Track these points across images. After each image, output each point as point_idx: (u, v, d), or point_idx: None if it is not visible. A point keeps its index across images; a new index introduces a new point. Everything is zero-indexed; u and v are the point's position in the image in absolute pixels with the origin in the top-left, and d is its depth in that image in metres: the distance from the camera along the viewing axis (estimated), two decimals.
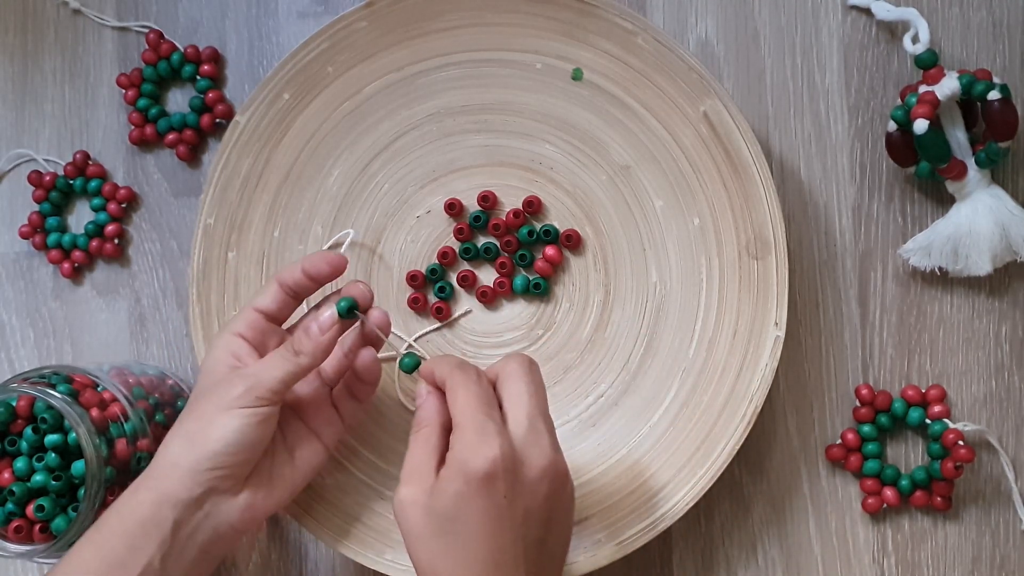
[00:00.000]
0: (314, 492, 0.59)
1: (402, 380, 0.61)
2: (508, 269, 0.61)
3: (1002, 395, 0.60)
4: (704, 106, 0.58)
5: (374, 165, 0.62)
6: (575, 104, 0.60)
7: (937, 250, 0.58)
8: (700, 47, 0.62)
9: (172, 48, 0.66)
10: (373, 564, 0.59)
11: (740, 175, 0.58)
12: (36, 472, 0.56)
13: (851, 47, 0.61)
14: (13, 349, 0.68)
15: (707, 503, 0.60)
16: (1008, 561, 0.59)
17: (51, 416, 0.56)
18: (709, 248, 0.59)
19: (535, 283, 0.61)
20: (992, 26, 0.60)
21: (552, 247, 0.60)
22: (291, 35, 0.66)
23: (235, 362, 0.53)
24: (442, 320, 0.61)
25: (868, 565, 0.60)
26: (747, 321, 0.58)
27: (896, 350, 0.60)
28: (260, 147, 0.61)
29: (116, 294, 0.67)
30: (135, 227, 0.67)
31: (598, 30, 0.58)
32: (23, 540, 0.56)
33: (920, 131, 0.55)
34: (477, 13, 0.59)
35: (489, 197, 0.61)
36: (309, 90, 0.61)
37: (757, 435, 0.60)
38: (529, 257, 0.61)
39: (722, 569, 0.61)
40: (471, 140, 0.61)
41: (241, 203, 0.62)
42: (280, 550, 0.64)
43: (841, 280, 0.61)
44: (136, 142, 0.66)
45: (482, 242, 0.62)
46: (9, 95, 0.68)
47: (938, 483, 0.59)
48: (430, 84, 0.61)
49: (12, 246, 0.68)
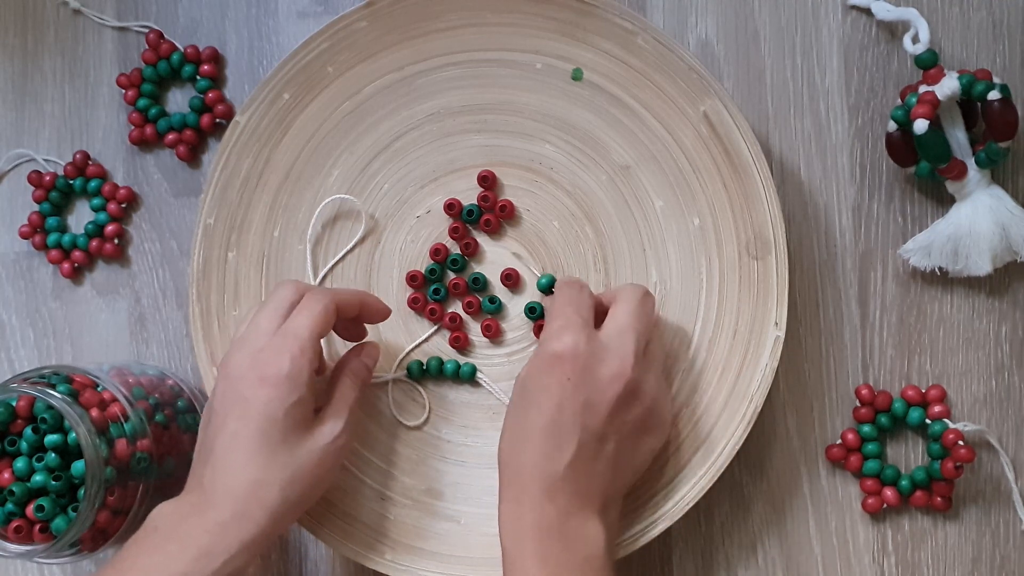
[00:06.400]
0: None
1: (394, 393, 0.61)
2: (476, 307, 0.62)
3: (1002, 395, 0.60)
4: (704, 106, 0.58)
5: (374, 165, 0.62)
6: (575, 104, 0.60)
7: (937, 250, 0.58)
8: (700, 47, 0.62)
9: (172, 48, 0.66)
10: (373, 564, 0.59)
11: (740, 175, 0.58)
12: (36, 472, 0.56)
13: (851, 47, 0.61)
14: (13, 349, 0.68)
15: (707, 503, 0.60)
16: (1008, 561, 0.59)
17: (51, 416, 0.56)
18: (709, 248, 0.59)
19: (530, 307, 0.61)
20: (992, 26, 0.60)
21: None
22: (291, 35, 0.66)
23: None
24: (436, 322, 0.62)
25: (868, 565, 0.60)
26: (747, 321, 0.58)
27: (896, 350, 0.60)
28: (260, 147, 0.61)
29: (116, 294, 0.67)
30: (135, 227, 0.67)
31: (598, 30, 0.58)
32: (23, 540, 0.56)
33: (920, 131, 0.55)
34: (477, 13, 0.59)
35: (488, 177, 0.61)
36: (309, 90, 0.61)
37: (757, 435, 0.60)
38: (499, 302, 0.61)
39: (722, 569, 0.61)
40: (471, 140, 0.61)
41: (241, 203, 0.62)
42: (280, 550, 0.65)
43: (841, 280, 0.61)
44: (136, 142, 0.66)
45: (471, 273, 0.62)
46: (9, 95, 0.68)
47: (938, 483, 0.59)
48: (430, 84, 0.61)
49: (12, 246, 0.68)
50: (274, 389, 0.52)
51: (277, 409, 0.52)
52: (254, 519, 0.51)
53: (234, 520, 0.51)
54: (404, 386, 0.62)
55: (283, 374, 0.52)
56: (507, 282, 0.61)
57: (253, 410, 0.52)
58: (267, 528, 0.51)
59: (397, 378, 0.61)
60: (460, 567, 0.59)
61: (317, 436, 0.53)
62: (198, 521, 0.51)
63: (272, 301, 0.55)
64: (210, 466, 0.52)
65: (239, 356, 0.53)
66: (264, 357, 0.53)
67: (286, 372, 0.52)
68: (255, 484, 0.51)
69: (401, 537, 0.60)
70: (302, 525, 0.59)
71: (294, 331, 0.53)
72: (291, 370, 0.52)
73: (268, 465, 0.52)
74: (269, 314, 0.54)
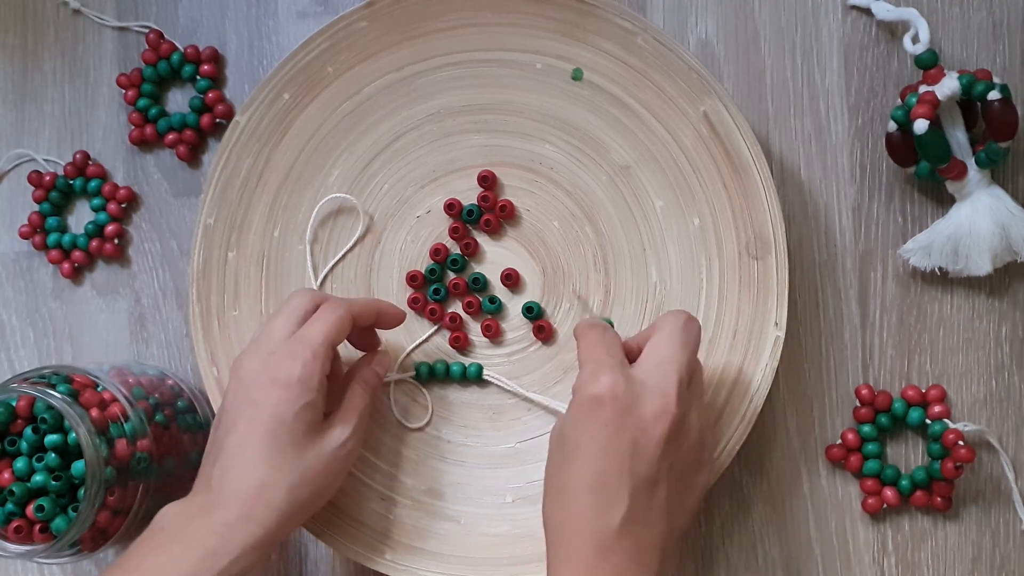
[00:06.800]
0: None
1: (395, 394, 0.62)
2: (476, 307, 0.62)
3: (1002, 395, 0.60)
4: (704, 106, 0.58)
5: (374, 165, 0.62)
6: (575, 104, 0.60)
7: (937, 250, 0.58)
8: (700, 47, 0.62)
9: (172, 48, 0.66)
10: (373, 564, 0.59)
11: (740, 175, 0.58)
12: (36, 472, 0.56)
13: (851, 47, 0.61)
14: (13, 349, 0.68)
15: (707, 503, 0.60)
16: (1008, 561, 0.59)
17: (51, 416, 0.56)
18: (709, 248, 0.59)
19: (528, 306, 0.61)
20: (992, 26, 0.60)
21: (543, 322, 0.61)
22: (291, 35, 0.66)
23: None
24: (436, 322, 0.62)
25: (868, 565, 0.60)
26: (747, 321, 0.58)
27: (896, 350, 0.60)
28: (260, 147, 0.61)
29: (116, 294, 0.67)
30: (135, 227, 0.67)
31: (598, 30, 0.58)
32: (23, 540, 0.56)
33: (920, 131, 0.55)
34: (477, 13, 0.59)
35: (488, 177, 0.61)
36: (309, 90, 0.61)
37: (757, 435, 0.60)
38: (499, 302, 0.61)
39: (722, 569, 0.61)
40: (471, 140, 0.61)
41: (241, 203, 0.62)
42: (280, 550, 0.64)
43: (841, 280, 0.61)
44: (136, 142, 0.66)
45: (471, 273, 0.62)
46: (9, 95, 0.68)
47: (938, 483, 0.59)
48: (430, 84, 0.61)
49: (12, 246, 0.68)
50: (285, 392, 0.52)
51: (287, 412, 0.52)
52: (260, 521, 0.51)
53: (240, 521, 0.51)
54: (405, 387, 0.62)
55: (295, 377, 0.52)
56: (507, 282, 0.61)
57: (263, 412, 0.52)
58: (273, 530, 0.51)
59: (400, 378, 0.61)
60: (460, 567, 0.59)
61: (326, 441, 0.54)
62: (204, 522, 0.51)
63: (287, 308, 0.55)
64: (219, 466, 0.52)
65: (251, 359, 0.54)
66: (276, 360, 0.53)
67: (298, 375, 0.52)
68: (262, 486, 0.51)
69: (401, 537, 0.60)
70: (303, 525, 0.59)
71: (309, 337, 0.53)
72: (303, 374, 0.52)
73: (276, 467, 0.52)
74: (283, 320, 0.55)
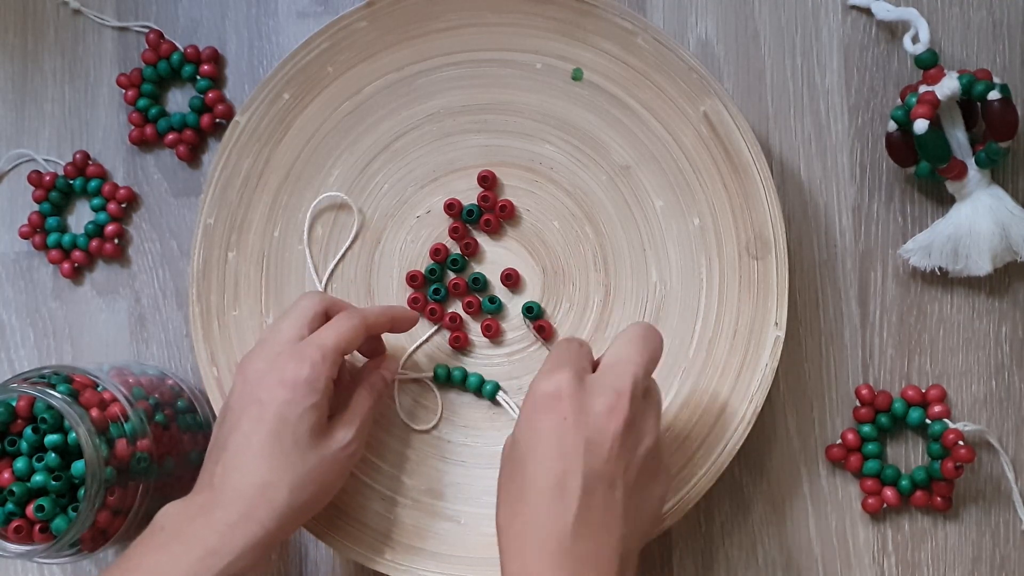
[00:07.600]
0: None
1: (400, 395, 0.62)
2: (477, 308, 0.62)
3: (1002, 395, 0.60)
4: (704, 106, 0.58)
5: (374, 165, 0.62)
6: (575, 104, 0.60)
7: (937, 250, 0.58)
8: (700, 47, 0.62)
9: (172, 48, 0.66)
10: (373, 564, 0.59)
11: (740, 175, 0.58)
12: (36, 472, 0.56)
13: (851, 47, 0.61)
14: (13, 349, 0.68)
15: (707, 503, 0.60)
16: (1008, 561, 0.59)
17: (51, 416, 0.56)
18: (709, 248, 0.59)
19: (528, 306, 0.61)
20: (992, 26, 0.60)
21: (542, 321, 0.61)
22: (291, 35, 0.66)
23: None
24: (436, 322, 0.62)
25: (868, 565, 0.60)
26: (747, 321, 0.58)
27: (896, 350, 0.60)
28: (260, 147, 0.61)
29: (116, 294, 0.67)
30: (135, 227, 0.67)
31: (598, 30, 0.58)
32: (23, 540, 0.56)
33: (920, 131, 0.55)
34: (477, 13, 0.59)
35: (488, 177, 0.61)
36: (309, 90, 0.61)
37: (757, 435, 0.60)
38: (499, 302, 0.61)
39: (722, 569, 0.61)
40: (471, 140, 0.61)
41: (241, 203, 0.62)
42: (280, 550, 0.64)
43: (841, 280, 0.61)
44: (136, 142, 0.66)
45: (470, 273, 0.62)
46: (9, 95, 0.68)
47: (938, 483, 0.59)
48: (430, 84, 0.61)
49: (12, 246, 0.68)
50: (291, 392, 0.52)
51: (292, 412, 0.52)
52: (261, 521, 0.51)
53: (241, 521, 0.51)
54: (410, 389, 0.62)
55: (302, 378, 0.52)
56: (507, 282, 0.61)
57: (268, 412, 0.52)
58: (273, 530, 0.51)
59: (419, 377, 0.61)
60: (460, 567, 0.59)
61: (329, 442, 0.53)
62: (205, 521, 0.51)
63: (295, 310, 0.55)
64: (221, 464, 0.52)
65: (258, 360, 0.54)
66: (283, 361, 0.53)
67: (304, 377, 0.52)
68: (264, 485, 0.51)
69: (401, 537, 0.60)
70: (303, 526, 0.59)
71: (319, 341, 0.53)
72: (310, 375, 0.52)
73: (278, 467, 0.52)
74: (291, 323, 0.55)
